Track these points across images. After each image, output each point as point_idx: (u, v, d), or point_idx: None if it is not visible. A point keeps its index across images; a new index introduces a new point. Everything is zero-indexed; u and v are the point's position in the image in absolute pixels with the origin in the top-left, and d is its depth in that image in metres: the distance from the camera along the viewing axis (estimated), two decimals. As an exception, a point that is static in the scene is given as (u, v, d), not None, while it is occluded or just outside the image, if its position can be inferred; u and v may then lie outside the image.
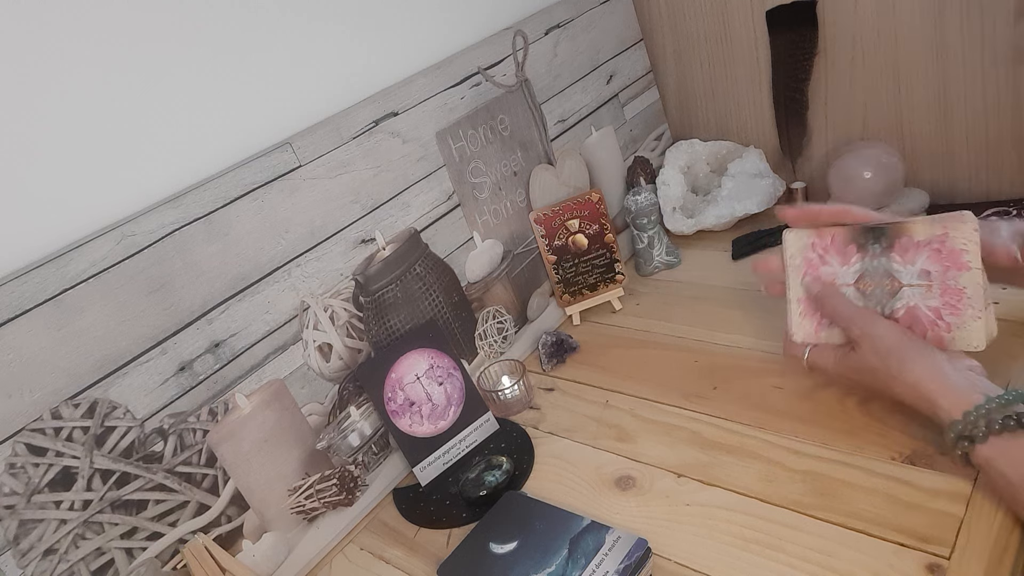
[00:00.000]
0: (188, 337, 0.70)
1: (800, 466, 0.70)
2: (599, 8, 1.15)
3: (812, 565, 0.60)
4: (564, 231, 1.03)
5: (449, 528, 0.77)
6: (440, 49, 0.96)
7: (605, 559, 0.63)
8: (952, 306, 0.66)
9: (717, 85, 1.21)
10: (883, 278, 0.69)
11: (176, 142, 0.72)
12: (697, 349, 0.91)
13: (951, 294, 0.65)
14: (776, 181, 1.14)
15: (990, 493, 0.60)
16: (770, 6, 1.09)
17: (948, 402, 0.60)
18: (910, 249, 0.67)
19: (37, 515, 0.61)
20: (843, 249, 0.70)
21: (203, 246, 0.70)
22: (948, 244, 0.65)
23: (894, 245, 0.68)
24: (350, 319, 0.83)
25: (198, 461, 0.70)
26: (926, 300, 0.67)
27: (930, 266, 0.66)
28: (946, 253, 0.65)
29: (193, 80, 0.73)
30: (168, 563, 0.68)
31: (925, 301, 0.67)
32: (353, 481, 0.81)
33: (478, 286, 0.97)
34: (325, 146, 0.80)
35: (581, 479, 0.78)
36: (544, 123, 1.03)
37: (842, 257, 0.71)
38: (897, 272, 0.68)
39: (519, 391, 0.90)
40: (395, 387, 0.84)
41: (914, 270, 0.67)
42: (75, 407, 0.63)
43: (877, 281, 0.69)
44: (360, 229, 0.84)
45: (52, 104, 0.64)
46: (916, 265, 0.67)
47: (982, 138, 1.00)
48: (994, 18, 0.92)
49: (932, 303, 0.66)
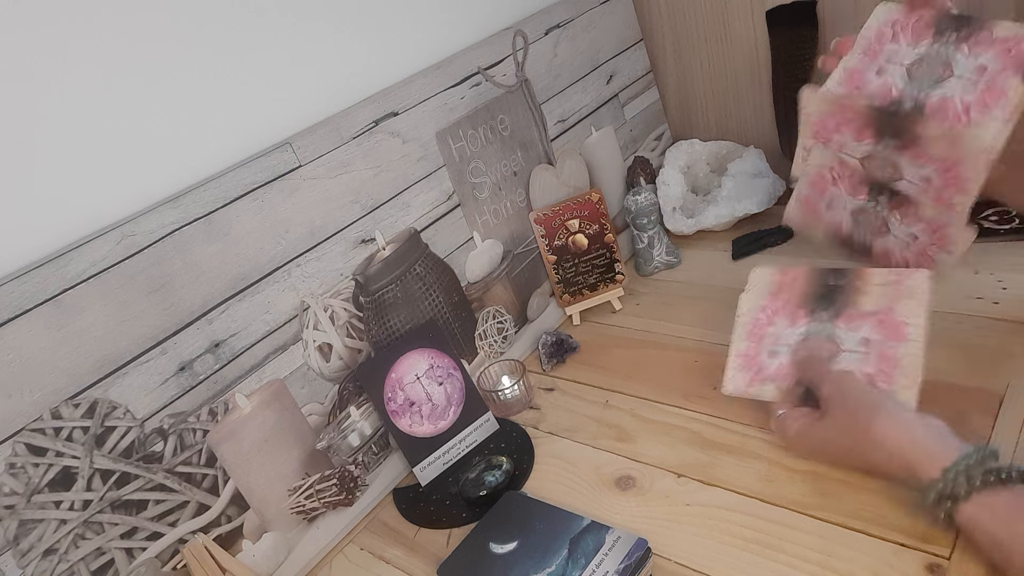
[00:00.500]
0: (188, 337, 0.70)
1: (800, 466, 0.70)
2: (599, 8, 1.15)
3: (812, 565, 0.60)
4: (564, 231, 1.03)
5: (449, 528, 0.77)
6: (440, 49, 0.96)
7: (605, 559, 0.63)
8: (885, 373, 0.67)
9: (717, 85, 1.21)
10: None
11: (176, 142, 0.72)
12: (697, 349, 0.91)
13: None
14: (776, 181, 1.14)
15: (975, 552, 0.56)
16: (770, 6, 1.09)
17: (923, 460, 0.57)
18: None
19: (37, 515, 0.61)
20: (793, 312, 0.75)
21: (203, 246, 0.70)
22: (892, 316, 0.69)
23: (841, 314, 0.72)
24: (350, 319, 0.83)
25: (198, 461, 0.70)
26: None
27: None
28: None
29: (193, 80, 0.73)
30: (168, 563, 0.68)
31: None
32: (353, 481, 0.81)
33: (478, 286, 0.97)
34: (325, 146, 0.80)
35: (581, 479, 0.78)
36: (544, 123, 1.03)
37: (790, 319, 0.74)
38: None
39: (519, 391, 0.90)
40: (395, 387, 0.84)
41: (856, 337, 0.70)
42: (75, 407, 0.63)
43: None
44: (360, 229, 0.84)
45: (52, 104, 0.64)
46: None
47: (982, 138, 1.00)
48: (994, 18, 0.92)
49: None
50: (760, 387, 0.73)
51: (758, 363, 0.74)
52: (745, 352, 0.75)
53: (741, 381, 0.74)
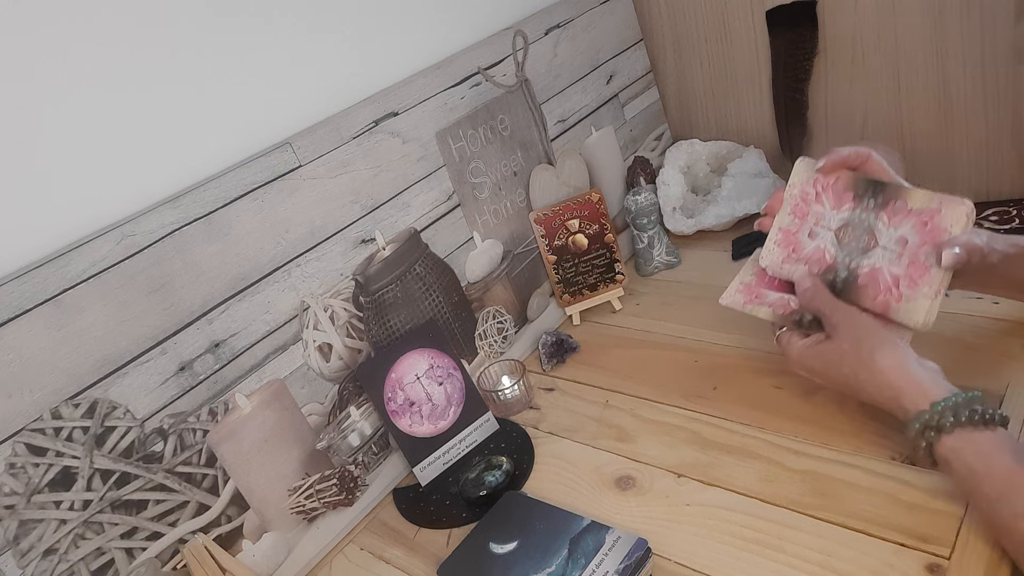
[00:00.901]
0: (188, 337, 0.70)
1: (800, 466, 0.70)
2: (599, 8, 1.15)
3: (812, 565, 0.60)
4: (564, 231, 1.03)
5: (449, 528, 0.77)
6: (440, 49, 0.96)
7: (605, 559, 0.63)
8: (912, 279, 0.66)
9: (717, 85, 1.21)
10: (863, 233, 0.69)
11: (176, 142, 0.72)
12: (697, 349, 0.91)
13: (916, 268, 0.65)
14: (776, 181, 1.14)
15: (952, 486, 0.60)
16: (770, 6, 1.09)
17: (915, 392, 0.60)
18: (900, 213, 0.67)
19: (37, 515, 0.61)
20: (841, 193, 0.72)
21: (203, 246, 0.70)
22: (936, 220, 0.65)
23: (887, 205, 0.69)
24: (350, 319, 0.83)
25: (198, 461, 0.70)
26: (891, 265, 0.67)
27: (910, 235, 0.66)
28: (930, 228, 0.65)
29: (193, 80, 0.73)
30: (168, 563, 0.68)
31: (890, 266, 0.67)
32: (353, 481, 0.81)
33: (478, 286, 0.97)
34: (325, 146, 0.80)
35: (581, 479, 0.78)
36: (544, 123, 1.03)
37: (836, 200, 0.72)
38: (878, 231, 0.68)
39: (519, 391, 0.90)
40: (395, 387, 0.84)
41: (895, 234, 0.68)
42: (75, 407, 0.63)
43: (857, 235, 0.70)
44: (360, 229, 0.84)
45: (52, 104, 0.64)
46: (898, 230, 0.67)
47: (982, 138, 1.00)
48: (994, 18, 0.92)
49: (895, 270, 0.67)
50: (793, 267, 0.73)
51: (796, 240, 0.73)
52: (787, 228, 0.74)
53: (777, 256, 0.74)
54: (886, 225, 0.68)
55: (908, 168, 1.03)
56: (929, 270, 0.65)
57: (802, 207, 0.74)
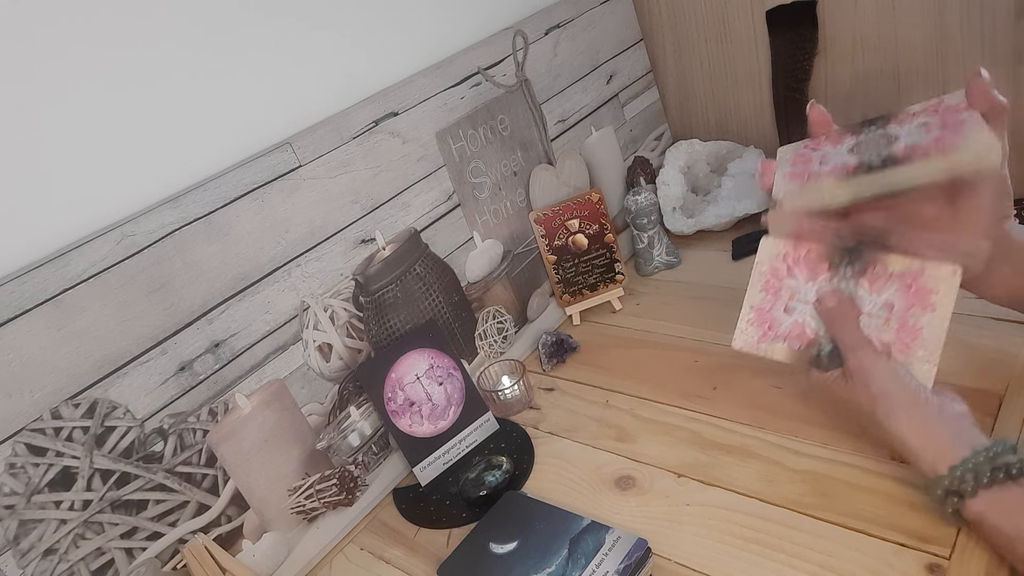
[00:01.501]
0: (188, 337, 0.70)
1: (800, 466, 0.70)
2: (599, 8, 1.15)
3: (812, 565, 0.60)
4: (564, 231, 1.03)
5: (449, 528, 0.77)
6: (440, 49, 0.96)
7: (605, 559, 0.63)
8: (904, 344, 0.63)
9: (717, 85, 1.21)
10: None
11: (176, 142, 0.72)
12: (697, 349, 0.91)
13: (906, 332, 0.63)
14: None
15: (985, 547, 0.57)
16: (770, 6, 1.09)
17: (933, 455, 0.57)
18: (881, 278, 0.64)
19: (37, 515, 0.61)
20: (814, 264, 0.68)
21: (203, 246, 0.70)
22: (920, 281, 0.63)
23: (866, 271, 0.66)
24: (350, 319, 0.83)
25: (198, 461, 0.70)
26: (880, 332, 0.63)
27: (896, 299, 0.63)
28: (915, 290, 0.62)
29: (193, 80, 0.73)
30: (168, 563, 0.68)
31: (879, 333, 0.63)
32: (353, 481, 0.81)
33: (478, 286, 0.97)
34: (325, 146, 0.80)
35: (581, 479, 0.78)
36: (544, 123, 1.03)
37: (810, 272, 0.68)
38: (860, 299, 0.65)
39: (519, 391, 0.90)
40: (395, 387, 0.84)
41: (879, 300, 0.64)
42: (75, 407, 0.63)
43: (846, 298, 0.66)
44: (360, 229, 0.84)
45: (52, 104, 0.64)
46: (882, 296, 0.64)
47: (982, 138, 1.00)
48: (994, 18, 0.92)
49: (885, 337, 0.63)
50: (771, 345, 0.69)
51: (771, 318, 0.70)
52: (759, 306, 0.70)
53: (752, 336, 0.70)
54: (868, 292, 0.64)
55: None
56: (920, 333, 0.62)
57: (774, 283, 0.70)
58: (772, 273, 0.70)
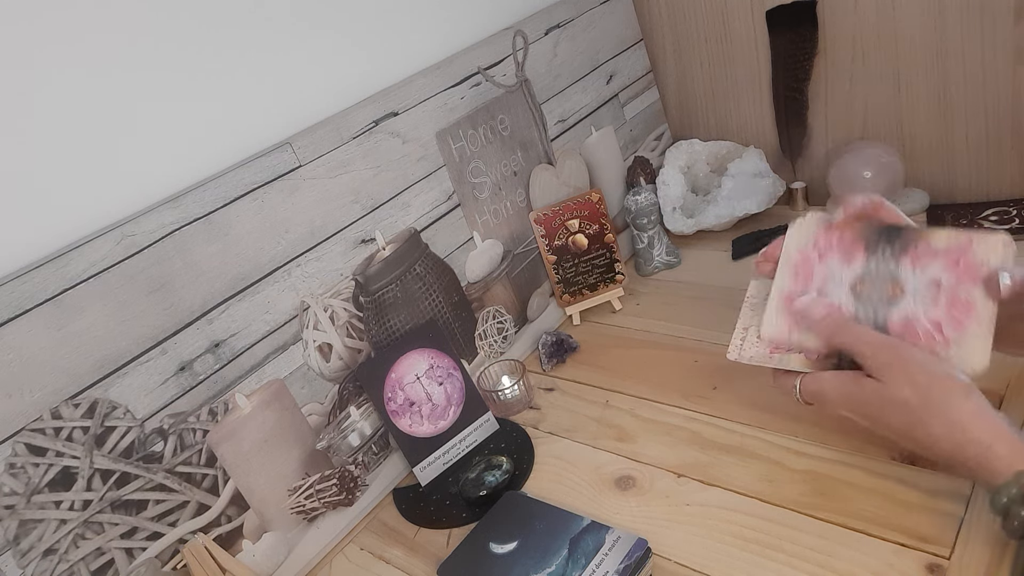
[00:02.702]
0: (188, 337, 0.70)
1: (800, 466, 0.70)
2: (599, 8, 1.15)
3: (812, 565, 0.60)
4: (564, 231, 1.03)
5: (449, 528, 0.77)
6: (440, 49, 0.96)
7: (605, 559, 0.63)
8: (957, 320, 0.58)
9: (717, 85, 1.21)
10: (885, 283, 0.62)
11: (176, 142, 0.72)
12: (697, 349, 0.91)
13: (959, 307, 0.58)
14: (776, 181, 1.14)
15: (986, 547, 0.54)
16: (770, 6, 1.09)
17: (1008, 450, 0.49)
18: (925, 256, 0.60)
19: (37, 515, 0.61)
20: (850, 247, 0.64)
21: (203, 246, 0.70)
22: (968, 256, 0.59)
23: (908, 249, 0.61)
24: (350, 319, 0.83)
25: (198, 461, 0.70)
26: (928, 311, 0.59)
27: (943, 276, 0.59)
28: (964, 265, 0.59)
29: (193, 80, 0.73)
30: (168, 563, 0.68)
31: (927, 312, 0.59)
32: (353, 481, 0.81)
33: (478, 286, 0.97)
34: (325, 146, 0.80)
35: (581, 479, 0.78)
36: (544, 123, 1.03)
37: (845, 256, 0.64)
38: (903, 279, 0.61)
39: (519, 391, 0.90)
40: (395, 387, 0.84)
41: (924, 278, 0.60)
42: (75, 407, 0.63)
43: (877, 286, 0.62)
44: (360, 229, 0.84)
45: (52, 104, 0.64)
46: (927, 273, 0.60)
47: (982, 138, 1.00)
48: (994, 18, 0.92)
49: (935, 314, 0.59)
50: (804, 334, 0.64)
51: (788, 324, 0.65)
52: (790, 292, 0.65)
53: (781, 325, 0.65)
54: (911, 270, 0.60)
55: (908, 168, 1.04)
56: (974, 307, 0.57)
57: (804, 269, 0.65)
58: (803, 260, 0.65)
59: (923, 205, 1.04)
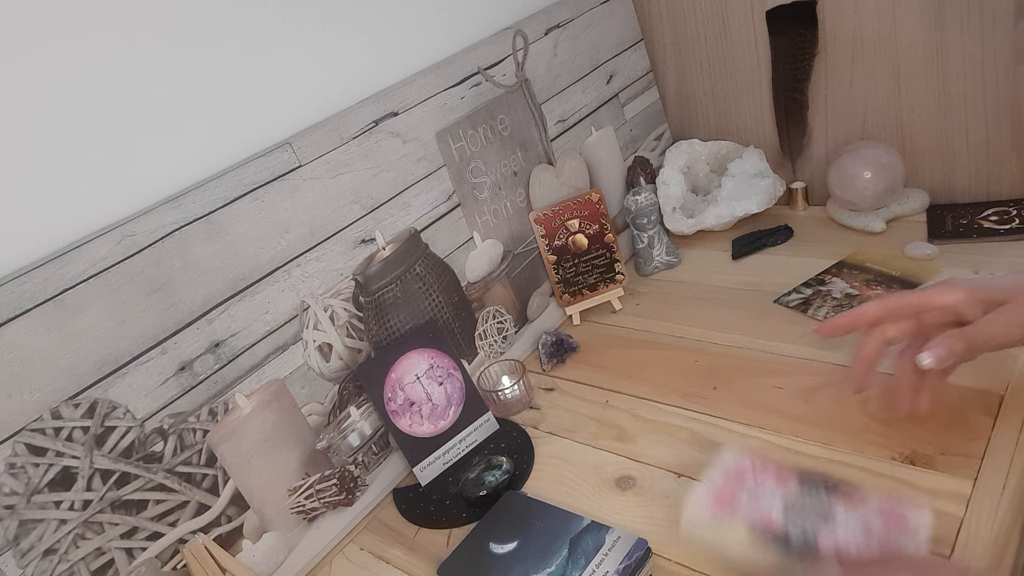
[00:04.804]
0: (188, 337, 0.70)
1: (800, 466, 0.70)
2: (599, 8, 1.15)
3: (812, 565, 0.60)
4: (564, 231, 1.03)
5: (449, 528, 0.77)
6: (440, 49, 0.96)
7: (605, 559, 0.63)
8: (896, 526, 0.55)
9: (717, 85, 1.21)
10: (817, 506, 0.58)
11: (176, 142, 0.72)
12: (697, 349, 0.91)
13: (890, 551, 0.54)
14: (776, 181, 1.14)
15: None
16: (770, 6, 1.09)
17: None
18: (857, 502, 0.57)
19: (37, 515, 0.61)
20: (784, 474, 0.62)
21: (203, 246, 0.70)
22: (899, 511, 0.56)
23: (838, 493, 0.59)
24: (350, 319, 0.83)
25: (198, 461, 0.70)
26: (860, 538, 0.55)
27: (874, 522, 0.56)
28: (895, 518, 0.56)
29: (193, 80, 0.73)
30: (168, 563, 0.68)
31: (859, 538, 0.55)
32: (353, 481, 0.81)
33: (478, 286, 0.97)
34: (325, 146, 0.80)
35: (581, 479, 0.78)
36: (544, 123, 1.03)
37: (779, 481, 0.61)
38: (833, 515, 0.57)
39: (519, 391, 0.90)
40: (395, 387, 0.84)
41: (855, 519, 0.57)
42: (75, 407, 0.63)
43: (809, 507, 0.58)
44: (360, 229, 0.84)
45: (52, 104, 0.64)
46: (857, 516, 0.57)
47: (982, 138, 1.00)
48: (994, 18, 0.92)
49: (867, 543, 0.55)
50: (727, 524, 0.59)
51: (733, 500, 0.61)
52: (720, 491, 0.61)
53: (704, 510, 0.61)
54: (844, 511, 0.57)
55: (908, 168, 1.04)
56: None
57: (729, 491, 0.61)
58: (736, 468, 0.63)
59: (923, 205, 1.04)
